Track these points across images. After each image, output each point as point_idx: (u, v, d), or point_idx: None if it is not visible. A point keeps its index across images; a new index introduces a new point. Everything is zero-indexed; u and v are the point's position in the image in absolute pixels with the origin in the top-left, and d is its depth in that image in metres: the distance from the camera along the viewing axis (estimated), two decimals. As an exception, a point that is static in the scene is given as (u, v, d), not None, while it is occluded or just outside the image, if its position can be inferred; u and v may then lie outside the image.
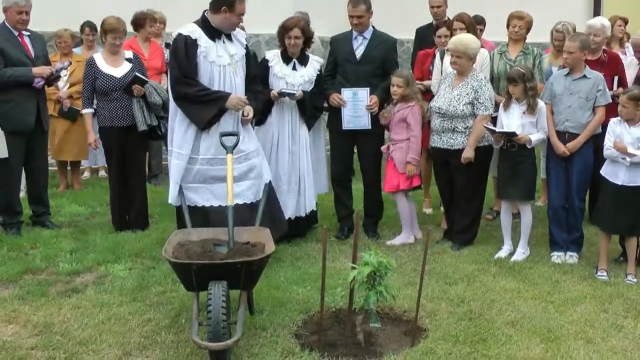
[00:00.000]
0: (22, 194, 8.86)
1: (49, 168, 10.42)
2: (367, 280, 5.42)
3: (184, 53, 7.02)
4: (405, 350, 5.59)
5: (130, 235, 8.33)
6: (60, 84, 9.78)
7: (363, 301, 5.54)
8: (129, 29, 10.28)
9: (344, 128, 8.20)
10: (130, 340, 5.73)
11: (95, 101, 8.57)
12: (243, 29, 10.62)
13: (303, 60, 8.14)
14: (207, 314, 5.13)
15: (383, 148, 8.34)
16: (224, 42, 7.22)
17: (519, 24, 8.66)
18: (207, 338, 5.14)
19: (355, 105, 8.15)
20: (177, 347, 5.58)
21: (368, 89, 8.14)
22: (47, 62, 8.59)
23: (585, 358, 5.52)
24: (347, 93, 8.15)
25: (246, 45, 7.50)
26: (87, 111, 8.54)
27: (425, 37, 9.67)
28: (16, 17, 8.19)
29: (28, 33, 8.42)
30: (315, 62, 8.22)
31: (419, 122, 8.12)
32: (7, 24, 8.27)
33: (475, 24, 8.76)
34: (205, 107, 7.04)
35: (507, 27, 8.81)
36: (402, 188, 8.26)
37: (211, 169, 7.08)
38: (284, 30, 7.97)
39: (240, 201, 7.06)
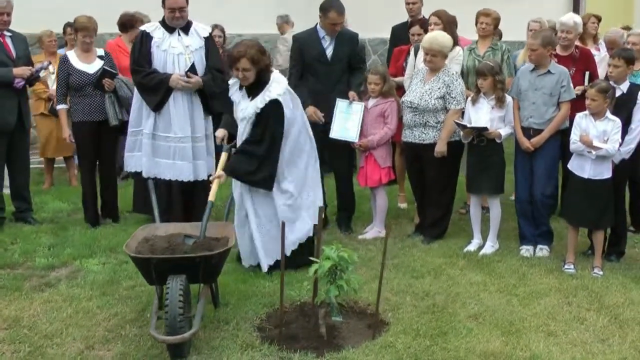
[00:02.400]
0: (6, 190, 8.95)
1: (37, 166, 10.61)
2: (329, 274, 5.48)
3: (138, 46, 8.14)
4: (364, 343, 5.65)
5: (107, 230, 8.46)
6: (49, 82, 9.95)
7: (324, 295, 5.59)
8: (115, 29, 10.48)
9: (330, 136, 8.14)
10: (95, 333, 5.82)
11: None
12: (223, 30, 10.87)
13: (253, 92, 6.84)
14: (165, 308, 5.22)
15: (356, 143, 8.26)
16: (179, 34, 8.11)
17: (486, 20, 8.70)
18: (164, 331, 5.23)
19: (347, 117, 8.13)
20: (139, 341, 5.67)
21: (363, 103, 8.14)
22: (29, 63, 8.68)
23: (544, 350, 5.57)
24: (342, 104, 8.13)
25: (207, 37, 8.30)
26: (62, 107, 8.63)
27: (401, 35, 9.72)
28: None
29: (10, 34, 8.52)
30: (266, 97, 6.72)
31: (396, 118, 8.19)
32: None
33: (452, 21, 8.74)
34: (152, 92, 8.06)
35: (476, 24, 8.86)
36: (384, 182, 8.35)
37: (161, 144, 8.15)
38: (231, 61, 6.77)
39: (199, 179, 8.22)
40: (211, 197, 6.27)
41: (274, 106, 6.72)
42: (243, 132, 6.91)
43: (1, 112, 8.32)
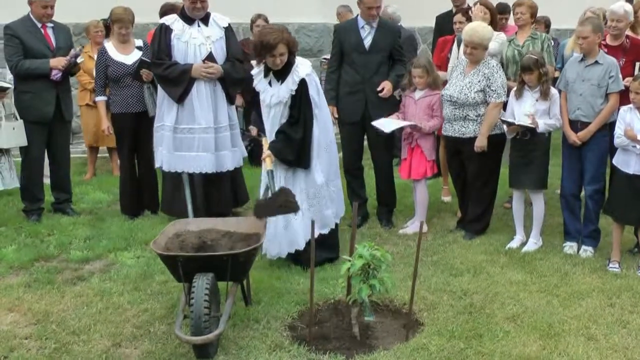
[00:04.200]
0: (48, 181, 8.94)
1: (81, 155, 10.62)
2: (361, 273, 5.37)
3: (157, 39, 8.01)
4: (397, 345, 5.50)
5: (144, 223, 8.41)
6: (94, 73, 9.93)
7: (356, 294, 5.47)
8: (157, 19, 10.43)
9: (372, 122, 7.99)
10: (122, 330, 5.76)
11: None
12: (266, 20, 10.79)
13: (282, 75, 6.80)
14: (190, 307, 5.13)
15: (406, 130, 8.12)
16: (199, 25, 8.03)
17: (520, 10, 8.45)
18: (189, 332, 5.15)
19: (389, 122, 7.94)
20: (167, 339, 5.59)
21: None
22: None
23: (583, 356, 5.35)
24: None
25: (226, 27, 8.20)
26: (100, 99, 8.67)
27: (445, 24, 9.55)
28: (41, 11, 8.28)
29: (52, 25, 8.50)
30: (295, 77, 6.73)
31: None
32: (31, 15, 8.36)
33: (497, 12, 8.59)
34: (175, 83, 7.93)
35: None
36: (429, 175, 8.22)
37: (185, 137, 8.01)
38: (267, 49, 6.55)
39: (224, 169, 8.14)
40: (268, 166, 6.51)
41: (303, 86, 6.73)
42: (279, 115, 6.87)
43: (38, 103, 8.31)
